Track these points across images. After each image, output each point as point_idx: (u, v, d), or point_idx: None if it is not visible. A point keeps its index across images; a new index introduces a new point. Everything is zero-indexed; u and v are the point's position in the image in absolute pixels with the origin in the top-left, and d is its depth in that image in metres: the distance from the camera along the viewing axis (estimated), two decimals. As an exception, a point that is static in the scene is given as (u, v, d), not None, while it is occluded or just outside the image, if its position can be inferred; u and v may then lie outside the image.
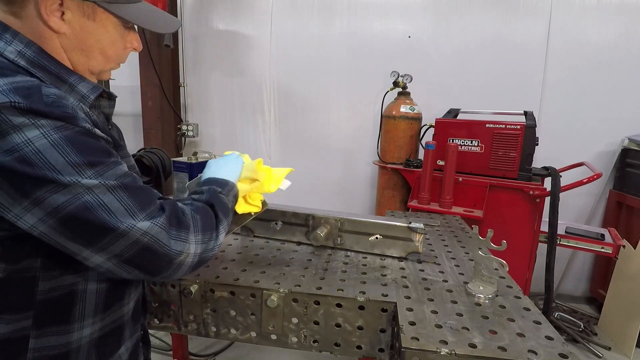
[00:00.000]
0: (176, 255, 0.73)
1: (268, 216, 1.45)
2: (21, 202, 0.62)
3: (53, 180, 0.62)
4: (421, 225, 1.30)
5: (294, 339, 1.09)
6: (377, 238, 1.35)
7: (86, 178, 0.65)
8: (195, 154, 1.50)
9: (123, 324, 0.87)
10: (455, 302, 1.04)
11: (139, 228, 0.68)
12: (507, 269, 1.11)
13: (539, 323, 0.95)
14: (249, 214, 1.06)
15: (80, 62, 0.78)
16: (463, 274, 1.23)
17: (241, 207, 1.03)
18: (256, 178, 1.05)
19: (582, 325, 2.79)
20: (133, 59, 3.09)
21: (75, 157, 0.64)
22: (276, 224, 1.44)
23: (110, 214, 0.66)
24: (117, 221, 0.66)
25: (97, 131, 0.71)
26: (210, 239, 0.81)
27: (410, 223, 1.31)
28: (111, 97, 0.87)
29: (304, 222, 1.41)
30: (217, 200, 0.88)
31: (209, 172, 0.99)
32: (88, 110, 0.74)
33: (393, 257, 1.34)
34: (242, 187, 1.01)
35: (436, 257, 1.37)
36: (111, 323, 0.83)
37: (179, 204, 0.79)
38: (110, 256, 0.68)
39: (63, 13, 0.72)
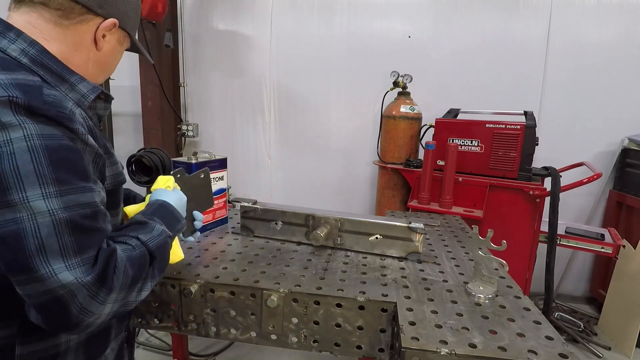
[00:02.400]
0: (87, 317, 0.65)
1: (268, 216, 1.45)
2: None
3: (3, 191, 0.59)
4: (421, 225, 1.30)
5: (294, 339, 1.09)
6: (377, 238, 1.35)
7: (40, 198, 0.61)
8: (195, 154, 1.50)
9: (110, 324, 0.87)
10: (455, 302, 1.04)
11: (58, 279, 0.61)
12: (507, 269, 1.11)
13: (539, 323, 0.95)
14: None
15: (94, 73, 0.84)
16: (463, 274, 1.23)
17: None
18: None
19: (582, 325, 2.79)
20: (133, 59, 3.09)
21: (44, 168, 0.62)
22: (276, 224, 1.44)
23: (40, 250, 0.61)
24: (41, 262, 0.61)
25: (90, 139, 0.70)
26: (132, 295, 0.73)
27: (410, 223, 1.31)
28: (108, 99, 0.88)
29: (304, 222, 1.41)
30: (161, 251, 0.81)
31: (175, 198, 0.97)
32: (85, 115, 0.75)
33: (393, 257, 1.34)
34: None
35: (436, 257, 1.37)
36: None
37: (118, 252, 0.70)
38: (24, 294, 0.63)
39: (104, 35, 0.82)
